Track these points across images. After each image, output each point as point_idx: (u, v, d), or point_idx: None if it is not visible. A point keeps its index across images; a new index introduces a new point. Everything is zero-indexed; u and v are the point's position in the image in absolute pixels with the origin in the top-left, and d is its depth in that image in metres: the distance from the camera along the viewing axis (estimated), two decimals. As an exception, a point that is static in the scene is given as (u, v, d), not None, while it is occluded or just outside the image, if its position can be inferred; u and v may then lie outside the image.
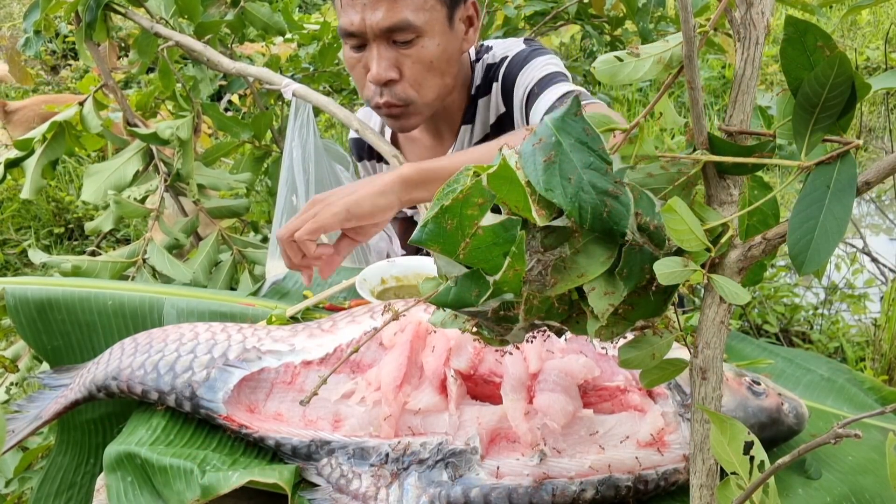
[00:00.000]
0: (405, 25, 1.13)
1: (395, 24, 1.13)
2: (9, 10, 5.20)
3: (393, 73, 1.17)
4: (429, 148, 1.43)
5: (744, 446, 0.47)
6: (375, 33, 1.14)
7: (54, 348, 0.99)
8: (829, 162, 0.46)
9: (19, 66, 1.81)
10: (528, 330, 0.52)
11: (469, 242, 0.46)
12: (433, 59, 1.19)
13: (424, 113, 1.25)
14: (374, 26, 1.13)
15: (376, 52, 1.16)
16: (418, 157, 1.45)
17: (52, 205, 3.16)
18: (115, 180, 1.48)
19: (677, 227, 0.46)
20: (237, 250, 1.54)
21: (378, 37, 1.15)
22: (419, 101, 1.22)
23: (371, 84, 1.20)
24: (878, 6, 4.54)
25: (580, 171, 0.45)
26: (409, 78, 1.19)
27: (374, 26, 1.13)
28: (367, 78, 1.19)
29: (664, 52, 0.49)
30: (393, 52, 1.16)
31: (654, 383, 0.54)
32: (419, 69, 1.18)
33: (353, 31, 1.16)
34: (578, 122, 0.46)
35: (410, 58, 1.17)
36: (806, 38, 0.45)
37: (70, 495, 0.98)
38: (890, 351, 2.02)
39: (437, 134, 1.40)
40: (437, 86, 1.23)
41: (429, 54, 1.18)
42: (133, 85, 3.81)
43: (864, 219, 3.04)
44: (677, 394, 0.76)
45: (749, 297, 0.47)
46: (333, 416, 0.77)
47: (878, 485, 0.77)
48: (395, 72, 1.17)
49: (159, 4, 1.56)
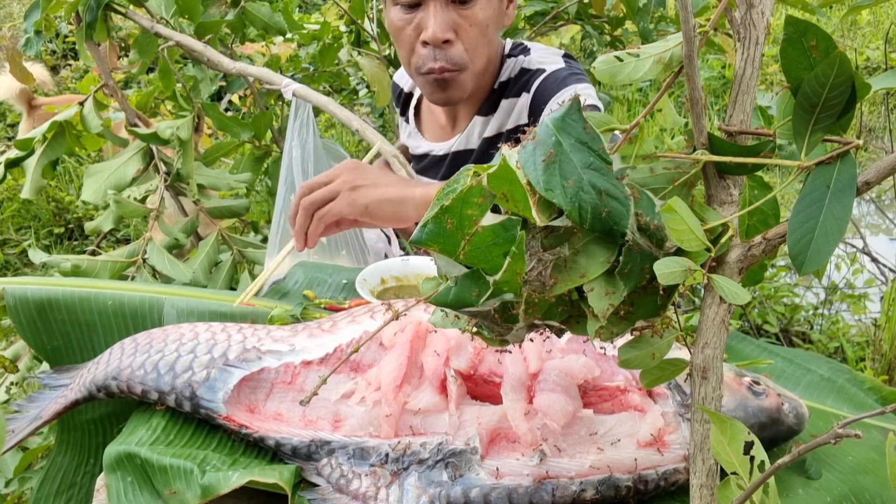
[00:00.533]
0: None
1: None
2: (9, 10, 5.20)
3: (450, 33, 1.16)
4: (443, 127, 1.43)
5: (744, 446, 0.47)
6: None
7: (54, 348, 0.99)
8: (829, 162, 0.46)
9: (20, 67, 1.81)
10: (528, 330, 0.52)
11: (469, 242, 0.46)
12: (489, 22, 1.19)
13: (470, 84, 1.24)
14: None
15: (434, 10, 1.15)
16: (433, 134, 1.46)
17: (52, 205, 3.16)
18: (115, 180, 1.48)
19: (677, 227, 0.46)
20: (237, 250, 1.54)
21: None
22: (470, 67, 1.21)
23: (423, 49, 1.19)
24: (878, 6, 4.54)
25: (580, 171, 0.45)
26: (465, 40, 1.18)
27: None
28: (419, 38, 1.18)
29: (664, 52, 0.49)
30: (451, 12, 1.16)
31: (654, 383, 0.54)
32: (475, 32, 1.18)
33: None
34: (578, 122, 0.46)
35: (468, 19, 1.17)
36: (806, 37, 0.45)
37: (70, 495, 0.98)
38: (890, 351, 2.02)
39: (453, 116, 1.40)
40: (485, 56, 1.23)
41: (485, 17, 1.17)
42: (133, 85, 3.81)
43: (864, 219, 3.04)
44: (677, 394, 0.76)
45: (749, 297, 0.47)
46: (333, 416, 0.77)
47: (878, 485, 0.77)
48: (451, 33, 1.17)
49: (160, 4, 1.56)
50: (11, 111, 3.94)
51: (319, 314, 0.99)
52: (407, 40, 1.21)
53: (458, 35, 1.18)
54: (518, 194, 0.45)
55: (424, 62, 1.19)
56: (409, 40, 1.20)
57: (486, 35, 1.20)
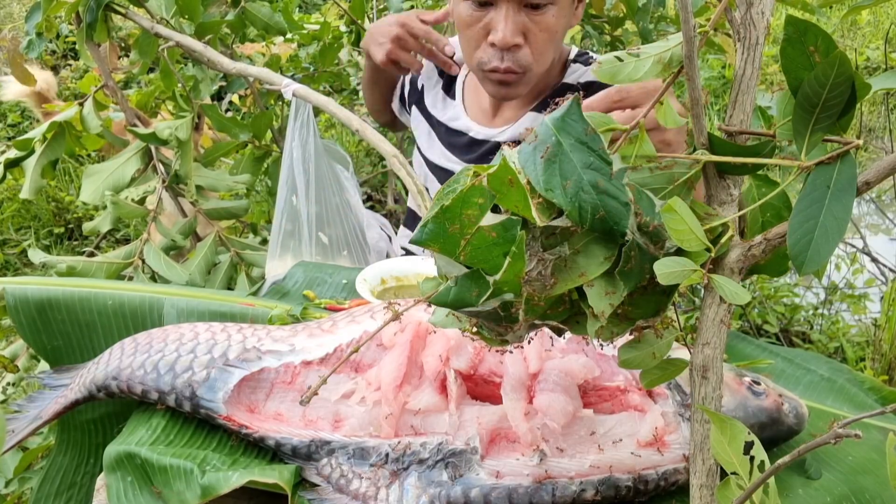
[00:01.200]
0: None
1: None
2: (9, 10, 5.20)
3: (519, 38, 1.15)
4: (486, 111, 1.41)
5: (744, 446, 0.47)
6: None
7: (54, 348, 0.99)
8: (828, 162, 0.46)
9: (21, 67, 1.80)
10: (528, 330, 0.52)
11: (469, 242, 0.46)
12: (558, 28, 1.17)
13: (531, 84, 1.23)
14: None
15: (505, 13, 1.13)
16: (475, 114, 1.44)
17: (51, 205, 3.16)
18: (113, 181, 1.47)
19: (677, 227, 0.46)
20: (235, 252, 1.53)
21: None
22: (535, 69, 1.20)
23: (489, 48, 1.17)
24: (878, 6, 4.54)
25: (580, 171, 0.45)
26: (533, 45, 1.17)
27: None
28: (487, 39, 1.17)
29: (664, 52, 0.49)
30: (522, 16, 1.14)
31: (654, 383, 0.54)
32: (544, 38, 1.16)
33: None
34: (579, 122, 0.46)
35: (539, 24, 1.15)
36: (806, 38, 0.45)
37: (70, 495, 0.98)
38: (890, 351, 2.02)
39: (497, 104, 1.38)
40: (550, 58, 1.22)
41: (556, 23, 1.16)
42: (133, 85, 3.81)
43: (864, 219, 3.04)
44: (677, 394, 0.76)
45: (749, 297, 0.47)
46: (333, 416, 0.77)
47: (878, 485, 0.77)
48: (521, 37, 1.15)
49: (160, 4, 1.56)
50: (12, 111, 3.94)
51: (319, 314, 0.99)
52: (474, 36, 1.19)
53: (527, 39, 1.16)
54: (518, 194, 0.45)
55: (490, 60, 1.18)
56: (477, 37, 1.19)
57: (554, 40, 1.19)
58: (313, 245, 1.35)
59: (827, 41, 0.44)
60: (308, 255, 1.34)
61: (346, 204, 1.40)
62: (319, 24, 2.19)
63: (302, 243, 1.35)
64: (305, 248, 1.35)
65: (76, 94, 3.97)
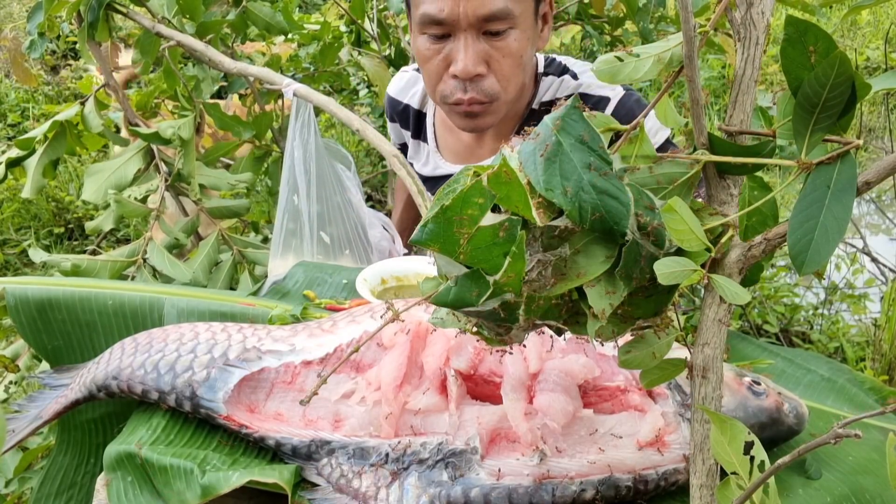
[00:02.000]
0: (504, 14, 1.05)
1: (495, 12, 1.04)
2: (9, 10, 5.20)
3: (482, 67, 1.09)
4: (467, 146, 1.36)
5: (744, 446, 0.47)
6: (470, 21, 1.05)
7: (54, 348, 0.99)
8: (829, 162, 0.46)
9: (23, 67, 1.81)
10: (528, 330, 0.52)
11: (469, 242, 0.46)
12: (522, 52, 1.11)
13: (502, 112, 1.17)
14: (469, 14, 1.04)
15: (464, 43, 1.08)
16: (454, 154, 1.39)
17: (52, 204, 3.16)
18: (115, 180, 1.47)
19: (677, 227, 0.46)
20: (237, 250, 1.54)
21: (471, 26, 1.06)
22: (503, 97, 1.14)
23: (451, 80, 1.12)
24: (878, 6, 4.54)
25: (580, 172, 0.45)
26: (498, 72, 1.11)
27: (469, 14, 1.04)
28: (449, 71, 1.12)
29: (664, 52, 0.49)
30: (482, 44, 1.08)
31: (654, 383, 0.54)
32: (509, 64, 1.11)
33: (441, 18, 1.06)
34: (579, 122, 0.46)
35: (501, 51, 1.09)
36: (806, 38, 0.45)
37: (70, 495, 0.98)
38: (890, 351, 2.02)
39: (480, 135, 1.33)
40: (519, 83, 1.16)
41: (519, 48, 1.10)
42: (133, 85, 3.81)
43: (864, 219, 3.03)
44: (677, 394, 0.76)
45: (749, 297, 0.47)
46: (333, 416, 0.78)
47: (878, 485, 0.77)
48: (483, 66, 1.10)
49: (161, 4, 1.56)
50: (12, 111, 3.94)
51: (319, 314, 0.99)
52: (435, 70, 1.14)
53: (490, 67, 1.11)
54: (518, 195, 0.45)
55: (453, 93, 1.13)
56: (438, 70, 1.14)
57: (519, 65, 1.13)
58: (315, 244, 1.35)
59: (827, 41, 0.44)
60: (310, 255, 1.34)
61: (348, 203, 1.40)
62: (319, 24, 2.19)
63: (303, 242, 1.35)
64: (307, 247, 1.35)
65: (76, 94, 3.97)
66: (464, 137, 1.36)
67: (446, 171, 1.41)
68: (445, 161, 1.41)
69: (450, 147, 1.40)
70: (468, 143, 1.37)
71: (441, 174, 1.42)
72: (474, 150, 1.36)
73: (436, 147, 1.42)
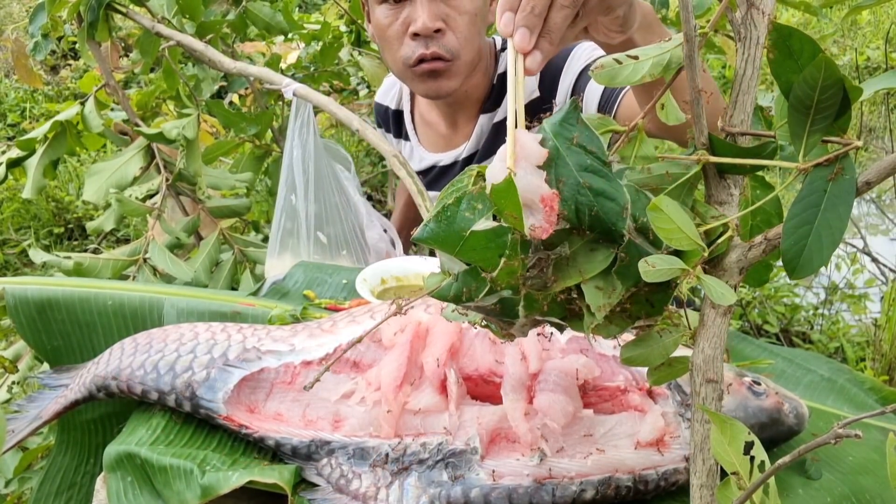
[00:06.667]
0: None
1: None
2: (9, 9, 5.20)
3: (440, 22, 1.18)
4: (444, 136, 1.43)
5: (744, 446, 0.47)
6: None
7: (54, 348, 0.99)
8: (827, 164, 0.46)
9: (26, 68, 1.80)
10: (531, 325, 0.52)
11: (465, 244, 0.47)
12: (476, 10, 1.20)
13: (462, 74, 1.24)
14: None
15: (421, 3, 1.16)
16: (433, 144, 1.46)
17: (52, 205, 3.16)
18: (116, 179, 1.48)
19: (664, 226, 0.46)
20: (238, 249, 1.54)
21: None
22: (462, 56, 1.21)
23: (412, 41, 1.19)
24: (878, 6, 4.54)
25: (577, 174, 0.45)
26: (456, 29, 1.19)
27: None
28: (409, 31, 1.19)
29: (663, 53, 0.49)
30: (438, 3, 1.17)
31: (661, 381, 0.54)
32: (465, 21, 1.19)
33: None
34: (576, 124, 0.46)
35: (456, 9, 1.18)
36: (791, 42, 0.45)
37: (70, 495, 0.98)
38: (890, 351, 2.02)
39: (454, 122, 1.40)
40: (475, 46, 1.23)
41: (473, 7, 1.19)
42: (133, 85, 3.81)
43: (864, 219, 3.03)
44: (677, 394, 0.76)
45: (735, 298, 0.47)
46: (333, 416, 0.77)
47: (878, 485, 0.77)
48: (441, 22, 1.18)
49: (161, 4, 1.56)
50: (12, 111, 3.94)
51: (319, 314, 0.99)
52: (395, 36, 1.21)
53: (448, 24, 1.19)
54: (513, 208, 0.45)
55: (414, 51, 1.19)
56: (398, 35, 1.20)
57: (475, 24, 1.21)
58: (312, 244, 1.35)
59: (811, 46, 0.44)
60: (306, 254, 1.34)
61: (346, 203, 1.40)
62: (319, 24, 2.19)
63: (301, 242, 1.35)
64: (304, 247, 1.35)
65: (76, 93, 3.97)
66: (441, 128, 1.43)
67: (430, 161, 1.46)
68: (428, 152, 1.47)
69: (429, 139, 1.46)
70: (444, 133, 1.43)
71: (426, 166, 1.47)
72: (451, 138, 1.42)
73: (417, 141, 1.49)
